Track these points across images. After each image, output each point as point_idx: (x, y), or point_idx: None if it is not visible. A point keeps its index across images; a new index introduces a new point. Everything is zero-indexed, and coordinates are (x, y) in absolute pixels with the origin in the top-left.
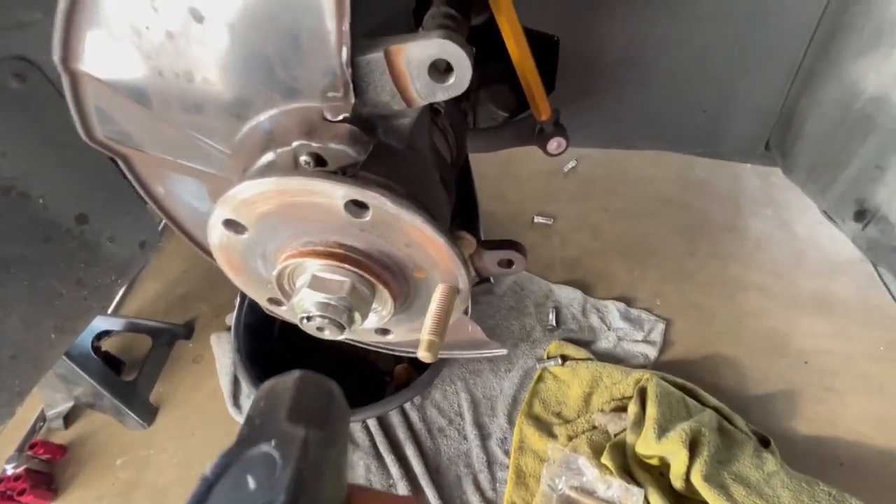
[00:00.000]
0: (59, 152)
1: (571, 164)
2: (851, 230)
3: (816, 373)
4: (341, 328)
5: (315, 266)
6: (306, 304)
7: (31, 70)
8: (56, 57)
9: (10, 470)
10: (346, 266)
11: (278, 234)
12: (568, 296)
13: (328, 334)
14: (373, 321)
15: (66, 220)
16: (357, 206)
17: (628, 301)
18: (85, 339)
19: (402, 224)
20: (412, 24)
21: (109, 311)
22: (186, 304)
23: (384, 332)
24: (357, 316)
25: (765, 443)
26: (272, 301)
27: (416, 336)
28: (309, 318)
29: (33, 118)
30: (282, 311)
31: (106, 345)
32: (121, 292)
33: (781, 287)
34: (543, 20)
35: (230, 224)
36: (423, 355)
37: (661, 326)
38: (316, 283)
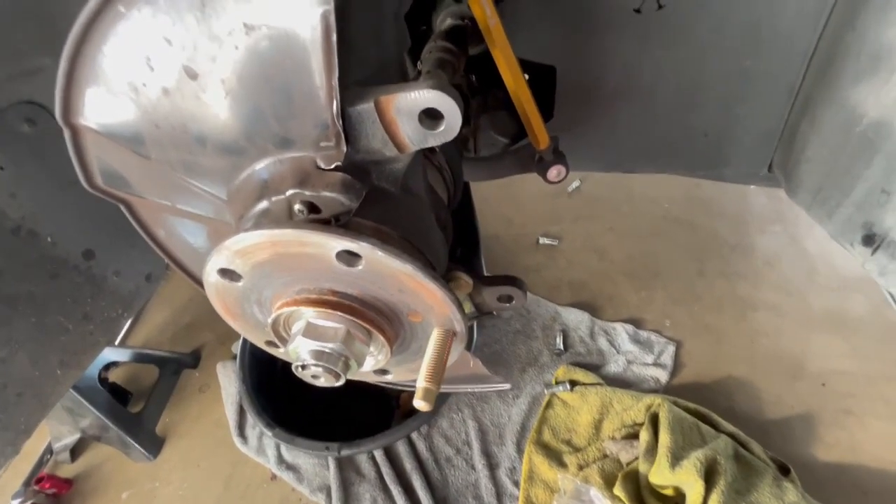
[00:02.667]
0: (66, 190)
1: (575, 185)
2: (861, 254)
3: (834, 395)
4: (337, 376)
5: (309, 313)
6: (301, 353)
7: (41, 113)
8: (57, 112)
9: None
10: (340, 313)
11: (273, 281)
12: (575, 318)
13: (323, 382)
14: (370, 364)
15: (73, 257)
16: (349, 255)
17: (637, 323)
18: (92, 370)
19: (394, 271)
20: (405, 68)
21: (116, 341)
22: (192, 332)
23: (383, 372)
24: (353, 363)
25: (784, 471)
26: (270, 344)
27: (415, 376)
28: (304, 367)
29: (42, 159)
30: (280, 353)
31: (113, 375)
32: (128, 323)
33: (793, 306)
34: (541, 51)
35: (225, 273)
36: (420, 404)
37: (671, 349)
38: (310, 331)
